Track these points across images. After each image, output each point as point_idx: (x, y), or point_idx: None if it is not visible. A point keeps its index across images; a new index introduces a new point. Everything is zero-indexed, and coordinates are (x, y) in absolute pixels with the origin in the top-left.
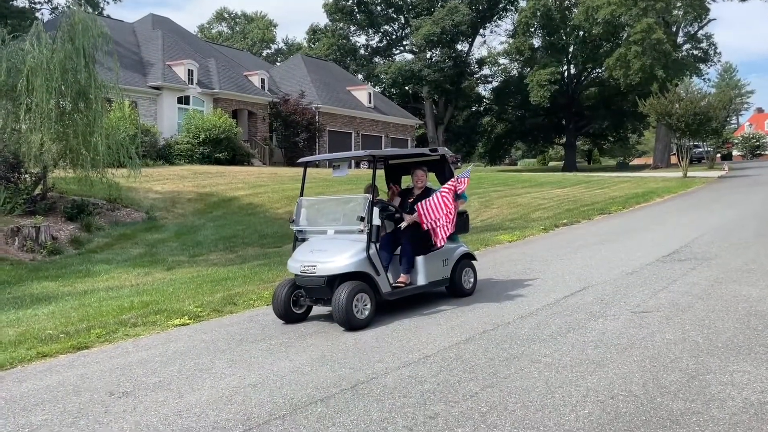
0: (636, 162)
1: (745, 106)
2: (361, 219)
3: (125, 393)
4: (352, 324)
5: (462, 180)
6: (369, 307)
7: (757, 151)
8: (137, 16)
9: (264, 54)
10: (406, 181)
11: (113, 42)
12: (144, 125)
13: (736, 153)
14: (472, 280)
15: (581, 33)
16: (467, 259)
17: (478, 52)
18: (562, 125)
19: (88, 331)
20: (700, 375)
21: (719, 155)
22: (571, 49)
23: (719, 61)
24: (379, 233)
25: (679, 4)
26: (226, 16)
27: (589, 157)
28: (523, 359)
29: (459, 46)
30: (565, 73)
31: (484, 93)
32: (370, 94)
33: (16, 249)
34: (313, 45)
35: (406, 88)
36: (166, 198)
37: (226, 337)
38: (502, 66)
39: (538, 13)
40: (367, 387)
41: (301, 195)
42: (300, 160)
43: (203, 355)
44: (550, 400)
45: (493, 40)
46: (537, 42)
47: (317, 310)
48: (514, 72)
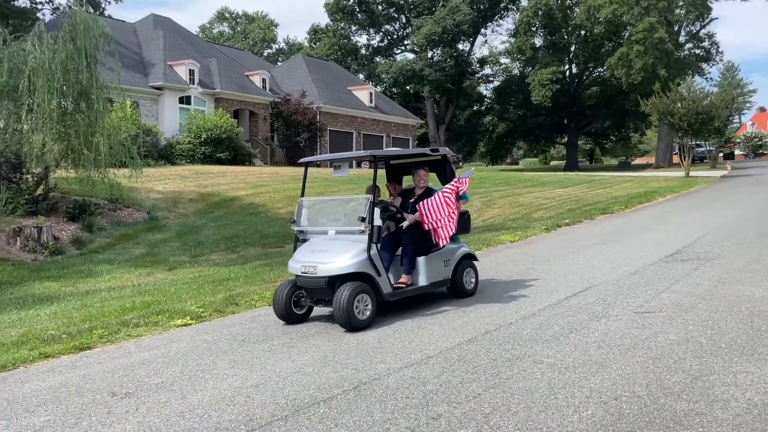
0: (638, 161)
1: (747, 105)
2: (362, 219)
3: (128, 394)
4: (353, 325)
5: (463, 180)
6: (370, 307)
7: (760, 151)
8: (138, 16)
9: (265, 54)
10: (407, 181)
11: (115, 42)
12: (145, 125)
13: (738, 152)
14: (473, 281)
15: (583, 32)
16: (469, 259)
17: (480, 51)
18: (563, 125)
19: (90, 332)
20: (703, 376)
21: (721, 155)
22: (572, 48)
23: (721, 60)
24: (380, 234)
25: (681, 3)
26: (227, 16)
27: (591, 157)
28: (525, 360)
29: (460, 46)
30: (567, 73)
31: (485, 92)
32: (371, 93)
33: (18, 249)
34: (314, 45)
35: (408, 88)
36: (168, 198)
37: (228, 337)
38: (504, 65)
39: (540, 13)
40: (369, 388)
41: (302, 195)
42: (301, 160)
43: (205, 355)
44: (553, 401)
45: (495, 39)
46: (538, 41)
47: (318, 310)
48: (516, 71)
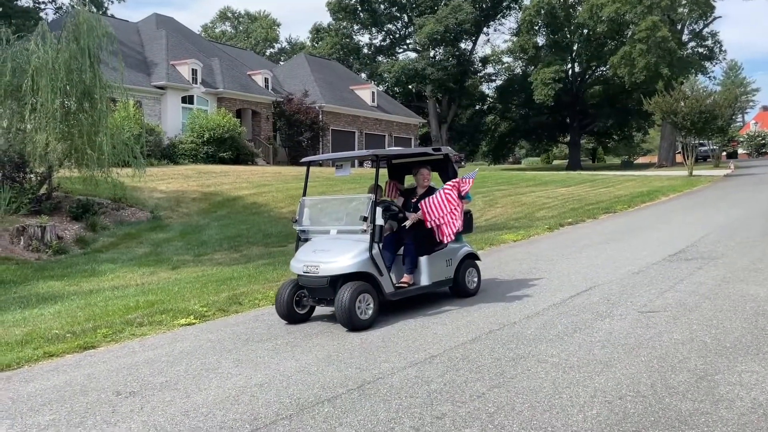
0: (641, 160)
1: (750, 104)
2: (364, 219)
3: (132, 393)
4: (354, 324)
5: (466, 180)
6: (372, 307)
7: (763, 150)
8: (141, 15)
9: (267, 53)
10: (409, 180)
11: (118, 42)
12: (148, 125)
13: (741, 151)
14: (476, 280)
15: (585, 31)
16: (471, 259)
17: (482, 50)
18: (566, 124)
19: (94, 331)
20: (708, 375)
21: (725, 153)
22: (575, 47)
23: (724, 58)
24: (382, 233)
25: (684, 2)
26: (230, 15)
27: (594, 156)
28: (529, 359)
29: (462, 45)
30: (570, 72)
31: (487, 91)
32: (373, 93)
33: (21, 248)
34: (317, 44)
35: (410, 87)
36: (171, 197)
37: (231, 336)
38: (506, 64)
39: (542, 11)
40: (373, 387)
41: (304, 194)
42: (303, 160)
43: (209, 354)
44: (557, 401)
45: (497, 38)
46: (541, 40)
47: (321, 309)
48: (518, 70)
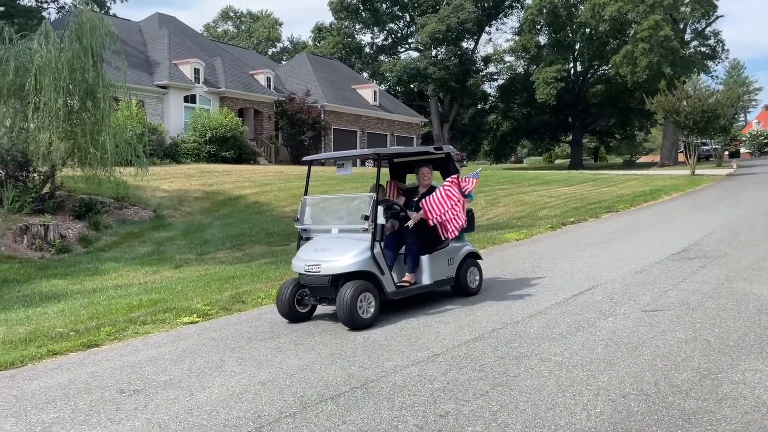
0: (643, 160)
1: (753, 103)
2: (366, 218)
3: (136, 391)
4: (356, 323)
5: (469, 180)
6: (373, 306)
7: (765, 149)
8: (143, 15)
9: (269, 53)
10: (410, 179)
11: (120, 41)
12: (151, 124)
13: (744, 150)
14: (477, 279)
15: (588, 30)
16: (472, 258)
17: (484, 49)
18: (568, 123)
19: (98, 329)
20: (711, 374)
21: (727, 153)
22: (577, 46)
23: (727, 58)
24: (383, 232)
25: (686, 1)
26: (232, 14)
27: (596, 155)
28: (533, 358)
29: (464, 44)
30: (572, 71)
31: (489, 91)
32: (375, 92)
33: (24, 247)
34: (319, 43)
35: (412, 86)
36: (173, 196)
37: (235, 335)
38: (508, 63)
39: (545, 11)
40: (377, 385)
41: (305, 193)
42: (304, 159)
43: (213, 353)
44: (561, 399)
45: (499, 37)
46: (543, 39)
47: (324, 308)
48: (520, 69)
